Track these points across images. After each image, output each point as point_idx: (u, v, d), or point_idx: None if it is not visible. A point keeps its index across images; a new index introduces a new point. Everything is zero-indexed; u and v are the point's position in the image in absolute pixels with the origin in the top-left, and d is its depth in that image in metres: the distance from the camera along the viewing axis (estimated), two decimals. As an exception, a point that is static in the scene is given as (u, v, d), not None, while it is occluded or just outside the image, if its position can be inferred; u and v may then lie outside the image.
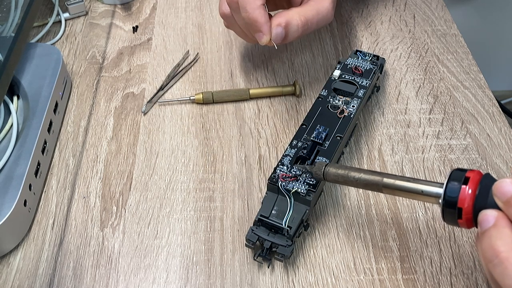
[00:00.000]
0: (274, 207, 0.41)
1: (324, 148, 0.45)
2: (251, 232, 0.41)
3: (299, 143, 0.45)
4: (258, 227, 0.41)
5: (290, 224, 0.40)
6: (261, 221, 0.41)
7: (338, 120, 0.47)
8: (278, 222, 0.40)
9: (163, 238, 0.44)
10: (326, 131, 0.46)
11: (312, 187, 0.41)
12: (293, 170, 0.43)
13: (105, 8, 0.67)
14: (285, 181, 0.42)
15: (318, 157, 0.44)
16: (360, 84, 0.50)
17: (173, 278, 0.42)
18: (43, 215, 0.46)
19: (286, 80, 0.57)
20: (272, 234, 0.40)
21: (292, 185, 0.41)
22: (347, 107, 0.48)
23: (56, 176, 0.49)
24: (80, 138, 0.52)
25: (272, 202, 0.42)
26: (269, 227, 0.41)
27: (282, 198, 0.42)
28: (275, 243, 0.40)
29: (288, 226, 0.40)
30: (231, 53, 0.60)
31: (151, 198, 0.47)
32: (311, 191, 0.41)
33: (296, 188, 0.41)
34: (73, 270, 0.43)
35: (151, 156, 0.50)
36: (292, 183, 0.42)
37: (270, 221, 0.40)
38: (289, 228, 0.40)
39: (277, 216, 0.41)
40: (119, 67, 0.59)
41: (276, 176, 0.42)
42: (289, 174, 0.42)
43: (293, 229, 0.40)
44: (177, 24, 0.64)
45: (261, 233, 0.40)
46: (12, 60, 0.48)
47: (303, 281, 0.42)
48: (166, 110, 0.54)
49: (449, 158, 0.50)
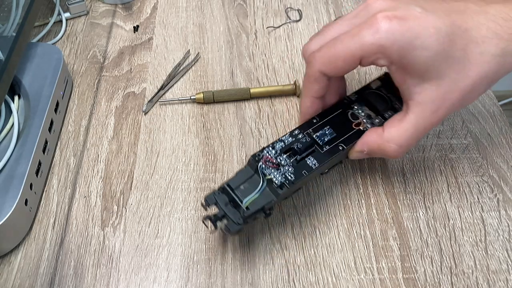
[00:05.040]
0: (244, 183, 0.40)
1: (320, 151, 0.42)
2: (212, 195, 0.39)
3: (300, 134, 0.43)
4: (221, 194, 0.39)
5: (250, 206, 0.38)
6: (226, 190, 0.39)
7: (350, 131, 0.43)
8: (239, 199, 0.39)
9: (164, 237, 0.44)
10: (331, 136, 0.43)
11: (287, 183, 0.39)
12: (280, 158, 0.41)
13: (106, 8, 0.67)
14: (266, 165, 0.40)
15: (310, 157, 0.41)
16: (392, 105, 0.45)
17: (174, 277, 0.42)
18: (44, 214, 0.46)
19: (287, 79, 0.57)
20: (230, 206, 0.39)
21: (270, 171, 0.40)
22: (366, 121, 0.44)
23: (57, 175, 0.49)
24: (81, 138, 0.52)
25: (245, 177, 0.40)
26: (230, 198, 0.39)
27: (256, 178, 0.40)
28: (228, 216, 0.38)
29: (247, 207, 0.38)
30: (232, 53, 0.60)
31: (152, 197, 0.47)
32: (284, 186, 0.39)
33: (272, 176, 0.39)
34: (74, 269, 0.43)
35: (152, 156, 0.50)
36: (271, 169, 0.40)
37: (234, 194, 0.39)
38: (247, 209, 0.38)
39: (242, 192, 0.39)
40: (120, 67, 0.59)
41: (261, 156, 0.40)
42: (273, 160, 0.40)
43: (249, 212, 0.38)
44: (178, 24, 0.64)
45: (221, 200, 0.39)
46: (13, 59, 0.48)
47: (303, 280, 0.42)
48: (167, 110, 0.55)
49: (450, 157, 0.50)
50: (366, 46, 0.37)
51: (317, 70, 0.40)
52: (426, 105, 0.39)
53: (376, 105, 0.45)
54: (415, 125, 0.40)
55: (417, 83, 0.39)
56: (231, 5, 0.66)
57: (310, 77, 0.41)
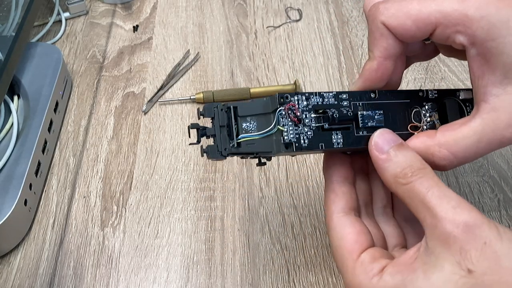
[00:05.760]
0: (253, 116, 0.33)
1: (354, 133, 0.33)
2: (212, 108, 0.33)
3: (345, 102, 0.33)
4: (223, 111, 0.33)
5: (243, 144, 0.32)
6: (229, 111, 0.33)
7: (400, 130, 0.34)
8: (237, 131, 0.33)
9: (164, 238, 0.44)
10: (378, 123, 0.33)
11: (296, 146, 0.32)
12: (306, 114, 0.32)
13: (106, 8, 0.67)
14: (286, 113, 0.32)
15: (339, 132, 0.33)
16: None
17: (173, 277, 0.42)
18: (43, 214, 0.46)
19: (287, 79, 0.57)
20: (224, 129, 0.33)
21: (286, 122, 0.32)
22: (425, 130, 0.34)
23: (57, 175, 0.49)
24: (81, 138, 0.52)
25: (258, 111, 0.33)
26: (228, 123, 0.33)
27: (269, 119, 0.32)
28: (216, 139, 0.33)
29: (239, 143, 0.32)
30: (232, 53, 0.60)
31: (151, 197, 0.47)
32: (291, 147, 0.31)
33: (285, 129, 0.32)
34: (74, 269, 0.43)
35: (151, 156, 0.50)
36: (289, 121, 0.32)
37: (235, 121, 0.33)
38: (238, 145, 0.32)
39: (246, 123, 0.33)
40: (119, 67, 0.59)
41: (288, 100, 0.32)
42: (297, 112, 0.32)
43: (239, 150, 0.32)
44: (177, 24, 0.64)
45: (219, 118, 0.33)
46: (12, 59, 0.48)
47: (304, 280, 0.42)
48: (166, 110, 0.54)
49: (450, 157, 0.49)
50: (447, 11, 0.29)
51: (380, 21, 0.32)
52: (503, 113, 0.30)
53: (448, 118, 0.35)
54: (480, 134, 0.30)
55: (499, 82, 0.30)
56: (231, 5, 0.66)
57: (374, 32, 0.32)
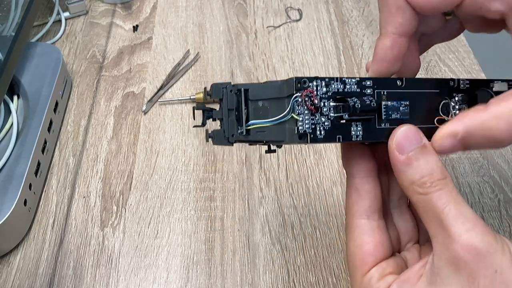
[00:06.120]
0: (266, 100, 0.29)
1: (375, 126, 0.29)
2: (221, 88, 0.30)
3: (368, 89, 0.29)
4: (232, 93, 0.30)
5: (252, 131, 0.29)
6: (241, 94, 0.30)
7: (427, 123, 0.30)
8: (247, 116, 0.30)
9: (164, 238, 0.44)
10: (402, 116, 0.30)
11: (311, 138, 0.28)
12: (325, 102, 0.29)
13: (106, 7, 0.67)
14: (303, 100, 0.28)
15: (359, 124, 0.29)
16: None
17: (173, 277, 0.42)
18: (43, 214, 0.46)
19: (287, 79, 0.57)
20: (233, 113, 0.30)
21: (302, 111, 0.28)
22: None
23: (56, 175, 0.49)
24: (80, 138, 0.52)
25: (272, 95, 0.29)
26: (237, 106, 0.30)
27: (283, 103, 0.29)
28: (223, 124, 0.30)
29: (248, 130, 0.29)
30: (232, 52, 0.60)
31: (151, 197, 0.47)
32: (306, 137, 0.28)
33: (300, 118, 0.28)
34: (73, 269, 0.43)
35: (151, 156, 0.50)
36: (305, 109, 0.28)
37: (245, 106, 0.30)
38: (247, 132, 0.29)
39: (256, 110, 0.30)
40: (119, 67, 0.59)
41: (306, 85, 0.28)
42: (315, 99, 0.28)
43: (247, 138, 0.30)
44: (177, 23, 0.64)
45: (228, 100, 0.30)
46: (12, 59, 0.48)
47: (304, 281, 0.42)
48: (166, 110, 0.54)
49: (451, 157, 0.49)
50: None
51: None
52: None
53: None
54: None
55: None
56: (231, 5, 0.66)
57: (390, 4, 0.29)
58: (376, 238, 0.29)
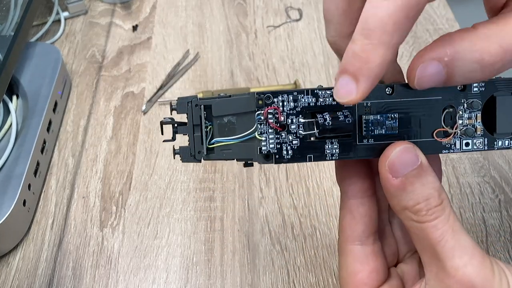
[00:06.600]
0: (233, 116, 0.27)
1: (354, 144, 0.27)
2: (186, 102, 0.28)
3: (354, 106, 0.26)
4: (198, 107, 0.27)
5: (216, 150, 0.27)
6: (205, 108, 0.27)
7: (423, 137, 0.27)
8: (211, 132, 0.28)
9: (163, 238, 0.44)
10: (389, 131, 0.26)
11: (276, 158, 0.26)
12: (293, 119, 0.26)
13: (105, 7, 0.66)
14: (266, 118, 0.26)
15: (334, 141, 0.26)
16: None
17: (173, 278, 0.42)
18: (42, 215, 0.46)
19: (287, 79, 0.57)
20: (197, 128, 0.28)
21: (265, 130, 0.26)
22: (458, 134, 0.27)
23: (56, 175, 0.49)
24: (80, 138, 0.52)
25: (239, 109, 0.27)
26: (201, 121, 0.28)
27: (252, 119, 0.26)
28: (188, 139, 0.28)
29: (209, 147, 0.27)
30: (232, 52, 0.60)
31: (151, 198, 0.47)
32: (271, 159, 0.26)
33: (263, 138, 0.26)
34: (73, 270, 0.42)
35: (151, 156, 0.50)
36: (269, 128, 0.26)
37: (208, 121, 0.28)
38: (208, 149, 0.27)
39: (221, 125, 0.27)
40: (118, 66, 0.59)
41: (270, 101, 0.26)
42: (280, 117, 0.26)
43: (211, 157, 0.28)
44: (177, 23, 0.64)
45: (192, 116, 0.28)
46: (11, 59, 0.47)
47: (304, 281, 0.41)
48: (166, 110, 0.54)
49: (451, 157, 0.49)
50: None
51: None
52: None
53: (497, 121, 0.27)
54: None
55: None
56: (231, 4, 0.66)
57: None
58: (370, 265, 0.28)
